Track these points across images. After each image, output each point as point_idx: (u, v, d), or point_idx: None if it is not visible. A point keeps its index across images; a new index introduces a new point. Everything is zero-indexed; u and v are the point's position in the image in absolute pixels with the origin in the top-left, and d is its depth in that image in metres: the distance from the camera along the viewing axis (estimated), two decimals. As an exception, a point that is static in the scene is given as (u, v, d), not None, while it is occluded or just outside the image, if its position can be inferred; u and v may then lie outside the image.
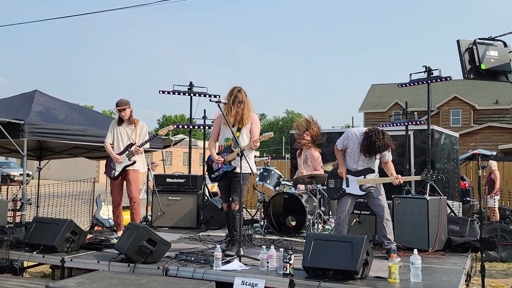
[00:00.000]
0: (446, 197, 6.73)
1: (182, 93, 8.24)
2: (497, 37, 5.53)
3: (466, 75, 5.48)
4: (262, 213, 6.94)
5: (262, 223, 6.92)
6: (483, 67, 5.37)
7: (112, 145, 6.18)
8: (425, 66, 7.42)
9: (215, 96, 8.00)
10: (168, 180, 7.62)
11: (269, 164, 7.36)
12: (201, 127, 8.46)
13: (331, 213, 6.98)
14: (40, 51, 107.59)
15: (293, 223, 6.56)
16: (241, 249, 4.73)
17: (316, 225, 6.51)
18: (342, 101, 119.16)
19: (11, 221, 7.04)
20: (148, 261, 4.60)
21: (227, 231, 5.55)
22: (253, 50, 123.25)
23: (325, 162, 7.31)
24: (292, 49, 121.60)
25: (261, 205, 7.04)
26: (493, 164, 11.30)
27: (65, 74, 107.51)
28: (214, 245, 5.28)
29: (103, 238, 5.89)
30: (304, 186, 7.12)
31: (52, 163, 11.63)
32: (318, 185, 6.64)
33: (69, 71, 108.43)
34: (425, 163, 7.49)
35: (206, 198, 7.73)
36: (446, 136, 8.95)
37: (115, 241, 5.48)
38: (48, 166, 11.86)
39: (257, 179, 7.00)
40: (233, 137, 5.16)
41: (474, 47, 5.40)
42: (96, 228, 7.70)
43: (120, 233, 5.98)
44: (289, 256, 4.13)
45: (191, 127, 8.39)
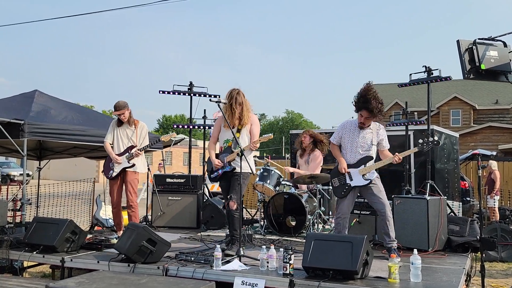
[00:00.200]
0: (446, 197, 6.73)
1: (182, 93, 8.24)
2: (497, 37, 5.53)
3: (466, 75, 5.48)
4: (262, 213, 6.94)
5: (262, 223, 6.93)
6: (483, 67, 5.37)
7: (112, 145, 6.16)
8: (425, 66, 7.42)
9: (215, 96, 8.00)
10: (168, 180, 7.62)
11: (269, 164, 7.36)
12: (201, 127, 8.47)
13: (331, 213, 6.98)
14: (40, 51, 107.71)
15: (293, 223, 6.56)
16: (241, 249, 4.73)
17: (316, 225, 6.51)
18: (342, 101, 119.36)
19: (11, 221, 7.03)
20: (148, 261, 4.60)
21: (227, 231, 5.56)
22: (253, 50, 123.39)
23: (325, 163, 7.31)
24: (292, 49, 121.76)
25: (261, 205, 7.04)
26: (493, 164, 11.31)
27: (65, 74, 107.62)
28: (214, 245, 5.28)
29: (103, 238, 5.89)
30: (305, 186, 7.12)
31: (52, 163, 11.62)
32: (318, 185, 6.64)
33: (69, 71, 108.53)
34: (425, 163, 7.49)
35: (206, 198, 7.74)
36: (446, 136, 8.95)
37: (115, 241, 5.49)
38: (48, 166, 11.84)
39: (257, 179, 7.01)
40: (233, 138, 5.18)
41: (474, 47, 5.40)
42: (96, 228, 7.70)
43: (120, 233, 5.98)
44: (289, 256, 4.13)
45: (191, 127, 8.39)
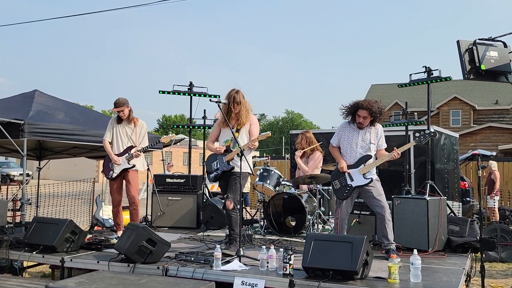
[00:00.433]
0: (446, 197, 6.72)
1: (182, 93, 8.24)
2: (497, 37, 5.53)
3: (466, 75, 5.48)
4: (262, 213, 6.94)
5: (262, 223, 6.92)
6: (483, 67, 5.38)
7: (111, 144, 6.15)
8: (425, 67, 7.43)
9: (215, 96, 8.00)
10: (168, 180, 7.62)
11: (269, 164, 7.36)
12: (201, 127, 8.47)
13: (330, 213, 6.98)
14: (40, 51, 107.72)
15: (293, 223, 6.56)
16: (241, 249, 4.73)
17: (316, 225, 6.51)
18: (342, 101, 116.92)
19: (11, 221, 7.03)
20: (148, 261, 4.60)
21: (227, 231, 5.56)
22: (253, 50, 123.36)
23: (325, 163, 7.31)
24: (292, 49, 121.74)
25: (261, 205, 7.04)
26: (493, 164, 11.30)
27: (65, 74, 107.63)
28: (214, 245, 5.27)
29: (103, 238, 5.89)
30: (305, 186, 7.12)
31: (52, 163, 11.63)
32: (318, 185, 6.64)
33: (69, 71, 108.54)
34: (425, 163, 7.48)
35: (206, 198, 7.73)
36: (446, 137, 8.95)
37: (114, 241, 5.48)
38: (48, 166, 11.84)
39: (257, 179, 7.00)
40: (232, 137, 5.18)
41: (474, 47, 5.41)
42: (96, 228, 7.69)
43: (119, 233, 5.98)
44: (289, 256, 4.12)
45: (191, 127, 8.39)
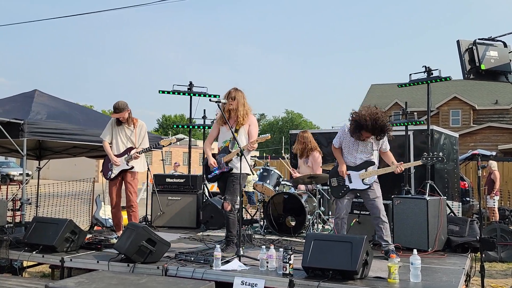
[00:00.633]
0: (445, 197, 6.73)
1: (182, 93, 8.24)
2: (497, 37, 5.53)
3: (466, 75, 5.48)
4: (262, 213, 6.94)
5: (262, 223, 6.92)
6: (483, 67, 5.38)
7: (111, 144, 6.13)
8: (425, 66, 7.42)
9: (215, 96, 8.00)
10: (168, 180, 7.62)
11: (268, 164, 7.36)
12: (200, 127, 8.47)
13: (330, 213, 6.98)
14: (40, 51, 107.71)
15: (292, 223, 6.56)
16: (240, 249, 4.73)
17: (315, 225, 6.51)
18: (342, 101, 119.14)
19: (10, 220, 7.02)
20: (148, 261, 4.60)
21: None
22: (253, 50, 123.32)
23: (325, 163, 7.31)
24: (292, 49, 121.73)
25: (260, 205, 7.04)
26: (493, 164, 11.30)
27: (65, 74, 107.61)
28: (213, 245, 5.27)
29: (103, 238, 5.89)
30: (304, 186, 7.12)
31: (51, 162, 11.62)
32: (318, 185, 6.64)
33: (69, 71, 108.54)
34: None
35: (206, 198, 7.73)
36: (445, 136, 8.95)
37: (114, 241, 5.48)
38: (47, 166, 11.83)
39: (257, 179, 7.01)
40: (232, 137, 5.15)
41: (474, 47, 5.41)
42: (95, 228, 7.68)
43: (119, 233, 5.98)
44: (289, 256, 4.13)
45: (190, 127, 8.39)
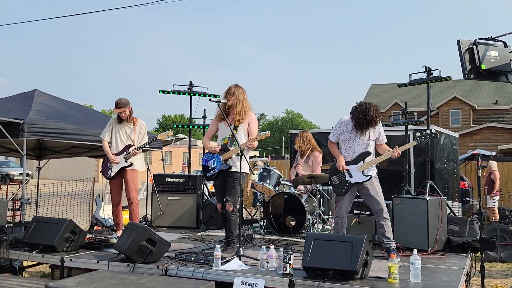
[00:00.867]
0: (445, 197, 6.73)
1: (182, 93, 8.24)
2: (497, 37, 5.53)
3: (466, 75, 5.47)
4: (262, 213, 6.94)
5: (262, 223, 6.92)
6: (483, 67, 5.37)
7: (110, 143, 6.13)
8: (425, 66, 7.42)
9: (215, 96, 8.00)
10: (168, 180, 7.61)
11: (268, 164, 7.35)
12: (200, 127, 8.46)
13: (330, 213, 6.97)
14: (40, 51, 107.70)
15: (292, 223, 6.56)
16: (240, 249, 4.72)
17: (315, 225, 6.51)
18: (341, 101, 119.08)
19: (10, 220, 7.02)
20: (148, 260, 4.59)
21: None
22: (252, 50, 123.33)
23: (325, 162, 7.31)
24: (291, 49, 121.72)
25: (260, 205, 7.04)
26: (493, 164, 11.31)
27: (65, 74, 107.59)
28: (214, 244, 5.27)
29: (103, 237, 5.88)
30: (303, 186, 7.12)
31: (51, 162, 11.62)
32: (318, 185, 6.64)
33: (69, 71, 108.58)
34: (425, 163, 7.48)
35: (206, 198, 7.73)
36: (445, 136, 8.95)
37: (114, 240, 5.48)
38: (47, 166, 11.85)
39: (257, 179, 7.00)
40: (230, 134, 5.08)
41: (474, 47, 5.40)
42: (95, 227, 7.68)
43: (119, 233, 5.98)
44: (289, 256, 4.12)
45: (190, 127, 8.39)
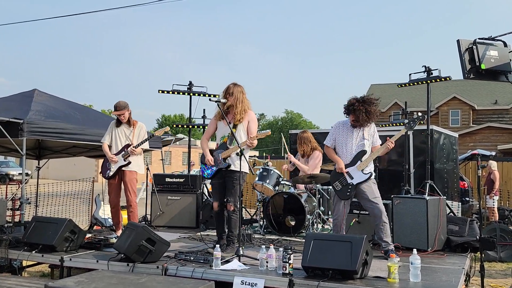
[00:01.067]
0: (445, 197, 6.73)
1: (181, 93, 8.24)
2: (497, 37, 5.53)
3: (466, 75, 5.47)
4: (262, 213, 6.94)
5: (262, 222, 6.92)
6: (483, 67, 5.37)
7: (110, 146, 6.12)
8: (425, 66, 7.43)
9: (214, 96, 8.00)
10: (167, 179, 7.61)
11: (268, 164, 7.34)
12: (200, 127, 8.47)
13: (330, 213, 6.97)
14: (39, 51, 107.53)
15: (292, 223, 6.56)
16: (240, 248, 4.72)
17: (315, 224, 6.51)
18: (341, 101, 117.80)
19: (10, 220, 7.02)
20: (147, 260, 4.60)
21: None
22: (251, 50, 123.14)
23: (325, 162, 7.31)
24: (290, 49, 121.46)
25: (260, 205, 7.04)
26: (492, 164, 11.31)
27: (64, 74, 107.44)
28: (213, 244, 5.26)
29: (102, 237, 5.89)
30: (302, 186, 7.12)
31: (51, 162, 11.63)
32: (317, 185, 6.64)
33: (68, 71, 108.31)
34: (425, 163, 7.49)
35: (205, 198, 7.73)
36: (445, 136, 8.96)
37: (114, 240, 5.48)
38: (47, 166, 11.86)
39: (257, 178, 6.99)
40: (230, 133, 5.05)
41: (474, 47, 5.40)
42: (95, 227, 7.67)
43: (119, 233, 5.97)
44: (289, 255, 4.12)
45: (190, 127, 8.39)
